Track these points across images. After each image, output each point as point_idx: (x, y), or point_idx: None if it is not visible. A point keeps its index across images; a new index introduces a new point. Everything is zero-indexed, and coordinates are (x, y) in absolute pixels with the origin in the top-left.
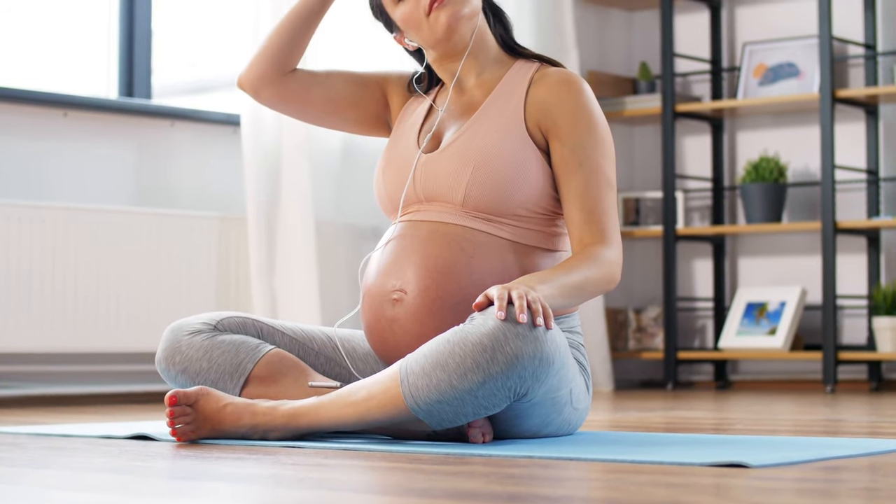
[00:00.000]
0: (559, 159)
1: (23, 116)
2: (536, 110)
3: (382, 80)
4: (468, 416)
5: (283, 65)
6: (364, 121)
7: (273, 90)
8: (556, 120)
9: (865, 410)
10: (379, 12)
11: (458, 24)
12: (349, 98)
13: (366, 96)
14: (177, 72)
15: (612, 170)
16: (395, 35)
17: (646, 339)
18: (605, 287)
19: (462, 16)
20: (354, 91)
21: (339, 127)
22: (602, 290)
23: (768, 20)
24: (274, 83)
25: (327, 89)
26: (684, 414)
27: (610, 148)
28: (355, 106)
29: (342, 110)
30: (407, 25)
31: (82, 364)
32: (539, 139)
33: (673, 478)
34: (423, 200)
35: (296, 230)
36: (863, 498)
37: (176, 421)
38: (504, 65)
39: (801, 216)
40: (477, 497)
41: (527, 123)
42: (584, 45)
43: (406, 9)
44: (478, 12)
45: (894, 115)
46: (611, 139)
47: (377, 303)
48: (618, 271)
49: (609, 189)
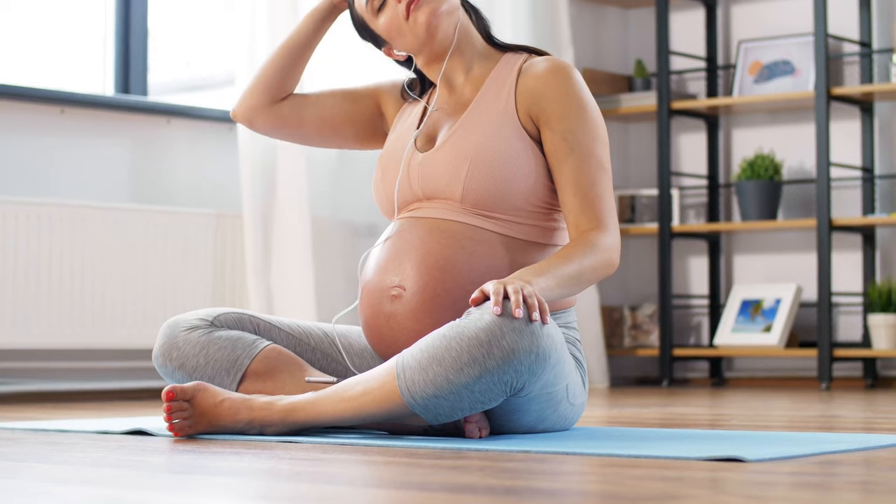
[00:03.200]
0: (551, 146)
1: (20, 113)
2: (526, 100)
3: (375, 92)
4: (464, 410)
5: (276, 94)
6: (361, 135)
7: (266, 118)
8: (545, 107)
9: (860, 407)
10: (364, 31)
11: (437, 21)
12: (343, 115)
13: (359, 111)
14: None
15: (605, 153)
16: (384, 49)
17: (641, 336)
18: (605, 272)
19: (440, 13)
20: (347, 108)
21: (339, 145)
22: (601, 275)
23: (763, 18)
24: (267, 111)
25: (320, 110)
26: (680, 410)
27: (601, 132)
28: (350, 122)
29: (338, 128)
30: (390, 35)
31: (79, 361)
32: (531, 129)
33: (669, 472)
34: (422, 199)
35: (292, 227)
36: (858, 491)
37: (173, 416)
38: (492, 59)
39: (797, 213)
40: (474, 491)
41: (518, 115)
42: (580, 43)
43: (386, 18)
44: (456, 8)
45: (889, 112)
46: (602, 123)
47: (375, 299)
48: (616, 255)
49: (602, 173)
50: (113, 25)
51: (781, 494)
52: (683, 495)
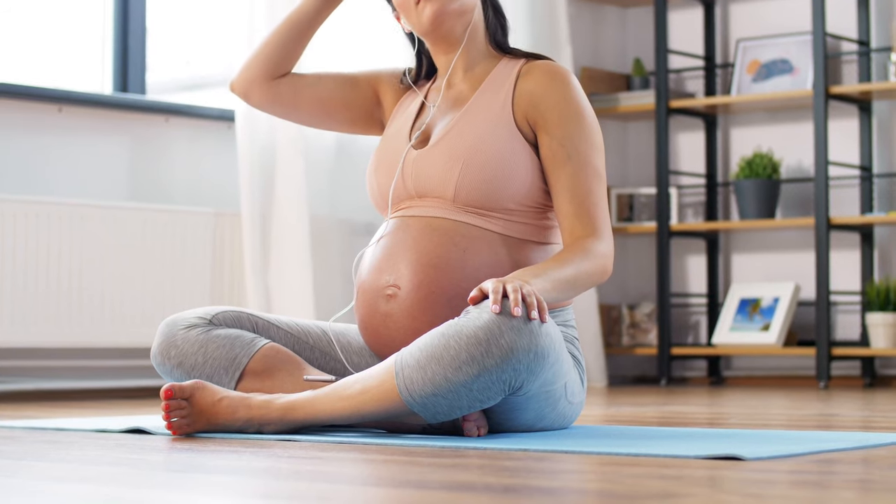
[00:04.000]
0: (548, 152)
1: (17, 111)
2: (524, 103)
3: (374, 79)
4: (463, 409)
5: (275, 70)
6: (356, 121)
7: (263, 93)
8: (543, 112)
9: (859, 405)
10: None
11: (442, 18)
12: (340, 99)
13: (357, 96)
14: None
15: (601, 161)
16: (394, 13)
17: (639, 335)
18: (598, 279)
19: (447, 11)
20: (345, 92)
21: (332, 127)
22: (594, 282)
23: (762, 16)
24: (264, 87)
25: (318, 91)
26: (678, 409)
27: (598, 139)
28: (347, 107)
29: (334, 111)
30: (400, 8)
31: (77, 359)
32: (528, 132)
33: (667, 470)
34: (414, 196)
35: (290, 226)
36: (856, 490)
37: (171, 415)
38: (492, 59)
39: (795, 212)
40: (472, 489)
41: (515, 117)
42: (578, 42)
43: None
44: (468, 10)
45: (887, 111)
46: (599, 131)
47: (371, 299)
48: (610, 263)
49: (598, 181)
50: (111, 24)
51: (780, 493)
52: (682, 494)
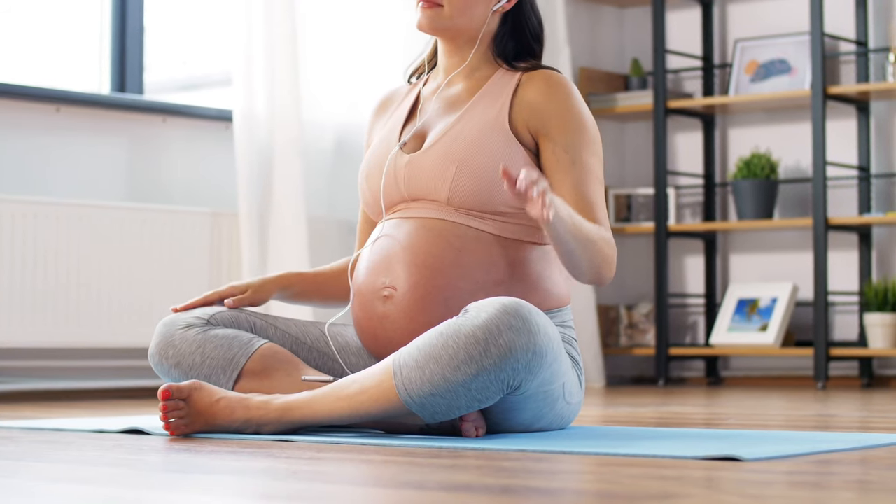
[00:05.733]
0: (552, 157)
1: (15, 111)
2: (524, 111)
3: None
4: (461, 409)
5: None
6: None
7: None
8: (545, 121)
9: (857, 406)
10: None
11: (430, 31)
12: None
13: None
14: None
15: (601, 168)
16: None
17: (637, 335)
18: (601, 269)
19: (436, 27)
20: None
21: None
22: (598, 265)
23: (760, 17)
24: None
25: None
26: (676, 409)
27: (599, 147)
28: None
29: None
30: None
31: (75, 359)
32: (527, 139)
33: (666, 471)
34: (408, 199)
35: (288, 226)
36: (854, 490)
37: (169, 415)
38: (492, 66)
39: (793, 213)
40: (470, 490)
41: (512, 124)
42: (576, 42)
43: None
44: (464, 30)
45: (885, 111)
46: (599, 139)
47: (367, 300)
48: (613, 266)
49: (600, 186)
50: (109, 23)
51: (778, 493)
52: (680, 494)
